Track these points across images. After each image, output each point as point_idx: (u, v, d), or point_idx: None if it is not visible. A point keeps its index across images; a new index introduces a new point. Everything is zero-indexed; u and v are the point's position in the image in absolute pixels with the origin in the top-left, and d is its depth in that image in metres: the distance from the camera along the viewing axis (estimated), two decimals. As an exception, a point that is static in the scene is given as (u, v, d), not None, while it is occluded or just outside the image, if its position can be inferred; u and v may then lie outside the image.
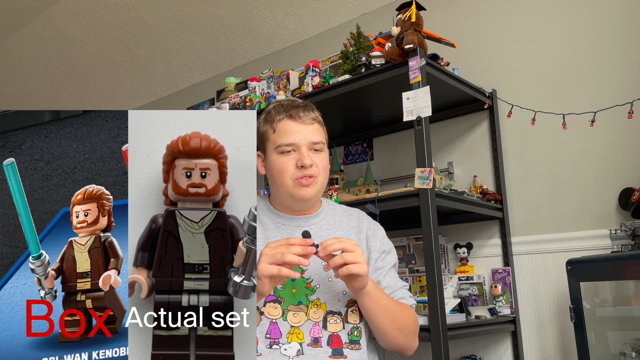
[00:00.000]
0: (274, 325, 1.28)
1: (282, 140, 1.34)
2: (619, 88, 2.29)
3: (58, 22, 4.04)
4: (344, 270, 1.19)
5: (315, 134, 1.36)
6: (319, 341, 1.28)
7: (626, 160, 2.27)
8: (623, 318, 2.01)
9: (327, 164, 1.38)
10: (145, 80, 4.41)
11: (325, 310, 1.31)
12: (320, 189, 1.37)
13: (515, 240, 2.54)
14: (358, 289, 1.24)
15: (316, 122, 1.38)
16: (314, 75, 2.55)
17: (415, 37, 2.08)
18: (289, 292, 1.31)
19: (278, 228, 1.38)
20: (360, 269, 1.19)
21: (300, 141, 1.33)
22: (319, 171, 1.34)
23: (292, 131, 1.34)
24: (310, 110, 1.38)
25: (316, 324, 1.30)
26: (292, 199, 1.35)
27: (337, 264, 1.19)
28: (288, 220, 1.40)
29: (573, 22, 2.48)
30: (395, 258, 1.47)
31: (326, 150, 1.39)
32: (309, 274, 1.33)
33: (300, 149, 1.33)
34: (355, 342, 1.32)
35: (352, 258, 1.19)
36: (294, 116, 1.35)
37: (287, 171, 1.33)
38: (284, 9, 3.41)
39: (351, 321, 1.33)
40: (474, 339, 2.59)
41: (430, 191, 2.03)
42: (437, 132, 2.74)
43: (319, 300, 1.32)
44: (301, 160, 1.31)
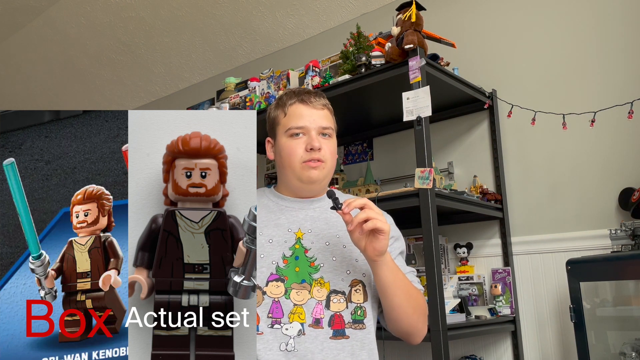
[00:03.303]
0: (276, 304, 1.28)
1: (293, 123, 1.36)
2: (619, 88, 2.29)
3: (58, 22, 4.04)
4: (369, 225, 1.19)
5: (325, 119, 1.38)
6: (320, 322, 1.28)
7: (626, 160, 2.27)
8: (623, 318, 2.02)
9: (335, 151, 1.39)
10: (145, 80, 4.41)
11: (329, 289, 1.31)
12: (328, 174, 1.38)
13: (515, 240, 2.54)
14: (380, 252, 1.23)
15: (326, 108, 1.41)
16: (314, 75, 2.55)
17: (415, 37, 2.08)
18: (292, 270, 1.31)
19: (282, 210, 1.39)
20: (383, 224, 1.20)
21: (310, 124, 1.35)
22: (327, 156, 1.36)
23: (302, 115, 1.36)
24: (321, 97, 1.41)
25: (319, 302, 1.29)
26: (299, 182, 1.36)
27: (361, 219, 1.20)
28: (292, 203, 1.40)
29: (573, 22, 2.48)
30: (403, 245, 1.47)
31: (334, 138, 1.41)
32: (313, 253, 1.33)
33: (310, 132, 1.35)
34: (359, 321, 1.31)
35: (376, 215, 1.20)
36: (305, 100, 1.38)
37: (296, 154, 1.34)
38: (284, 9, 3.41)
39: (354, 300, 1.32)
40: (474, 339, 2.59)
41: (430, 191, 2.03)
42: (437, 132, 2.74)
43: (322, 279, 1.31)
44: (310, 144, 1.33)
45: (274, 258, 1.31)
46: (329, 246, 1.35)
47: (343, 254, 1.34)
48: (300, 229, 1.36)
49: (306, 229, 1.36)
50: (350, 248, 1.33)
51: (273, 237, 1.34)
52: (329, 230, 1.37)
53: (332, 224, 1.38)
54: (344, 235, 1.33)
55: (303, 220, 1.37)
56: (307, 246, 1.33)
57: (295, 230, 1.35)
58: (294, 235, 1.35)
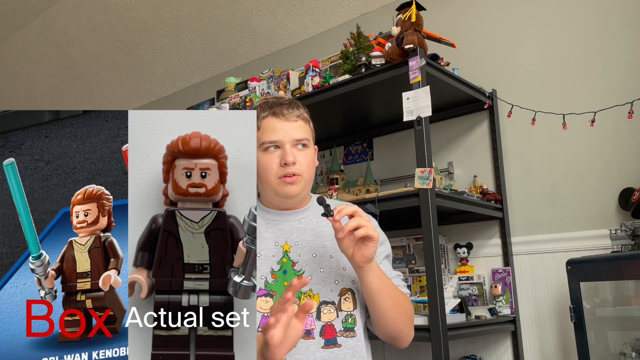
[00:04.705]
0: (266, 318, 1.27)
1: (266, 137, 1.34)
2: (619, 88, 2.29)
3: (58, 22, 4.05)
4: (360, 232, 1.20)
5: (299, 130, 1.36)
6: (311, 333, 1.28)
7: (626, 160, 2.27)
8: (623, 318, 2.02)
9: (312, 161, 1.38)
10: (145, 80, 4.41)
11: (319, 300, 1.31)
12: (306, 185, 1.37)
13: (515, 240, 2.54)
14: (368, 259, 1.24)
15: (300, 119, 1.38)
16: (314, 75, 2.55)
17: (415, 37, 2.08)
18: (281, 285, 1.31)
19: (268, 224, 1.39)
20: (373, 232, 1.21)
21: (283, 138, 1.34)
22: (302, 169, 1.34)
23: (275, 129, 1.35)
24: (295, 108, 1.38)
25: (309, 315, 1.29)
26: (277, 196, 1.36)
27: (352, 227, 1.20)
28: (277, 216, 1.40)
29: (573, 22, 2.48)
30: (388, 249, 1.47)
31: (312, 147, 1.39)
32: (300, 266, 1.33)
33: (284, 146, 1.34)
34: (350, 329, 1.32)
35: (365, 222, 1.21)
36: (277, 114, 1.36)
37: (271, 169, 1.33)
38: (284, 9, 3.41)
39: (345, 309, 1.33)
40: (474, 339, 2.59)
41: (430, 191, 2.03)
42: (437, 132, 2.74)
43: (311, 292, 1.31)
44: (284, 158, 1.32)
45: (262, 273, 1.31)
46: (316, 258, 1.35)
47: (330, 264, 1.35)
48: (287, 241, 1.36)
49: (293, 241, 1.36)
50: (337, 257, 1.33)
51: (260, 251, 1.33)
52: (316, 242, 1.37)
53: (318, 235, 1.38)
54: (330, 246, 1.34)
55: (289, 232, 1.37)
56: (295, 259, 1.33)
57: (282, 243, 1.35)
58: (281, 249, 1.35)
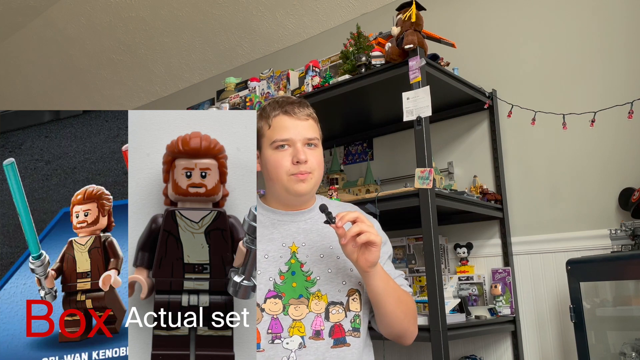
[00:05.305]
0: (275, 320, 1.28)
1: (278, 135, 1.35)
2: (619, 88, 2.29)
3: (58, 22, 4.05)
4: (362, 238, 1.21)
5: (310, 129, 1.37)
6: (320, 334, 1.29)
7: (626, 160, 2.27)
8: (623, 318, 2.02)
9: (321, 160, 1.39)
10: (145, 80, 4.41)
11: (327, 301, 1.32)
12: (316, 184, 1.38)
13: (515, 240, 2.54)
14: (372, 263, 1.25)
15: (311, 118, 1.39)
16: (314, 75, 2.55)
17: (415, 37, 2.08)
18: (289, 286, 1.31)
19: (274, 224, 1.39)
20: (376, 237, 1.22)
21: (295, 136, 1.34)
22: (314, 167, 1.35)
23: (287, 127, 1.35)
24: (305, 107, 1.40)
25: (318, 315, 1.30)
26: (287, 194, 1.36)
27: (354, 233, 1.21)
28: (283, 216, 1.40)
29: (573, 22, 2.48)
30: (390, 249, 1.49)
31: (320, 147, 1.40)
32: (308, 267, 1.34)
33: (295, 144, 1.34)
34: (357, 329, 1.33)
35: (368, 228, 1.22)
36: (289, 112, 1.37)
37: (283, 167, 1.34)
38: (284, 9, 3.41)
39: (353, 309, 1.34)
40: (474, 339, 2.59)
41: (430, 191, 2.03)
42: (437, 132, 2.74)
43: (319, 292, 1.32)
44: (296, 156, 1.33)
45: (271, 274, 1.32)
46: (324, 258, 1.35)
47: (337, 265, 1.36)
48: (295, 242, 1.36)
49: (300, 242, 1.36)
50: (344, 258, 1.34)
51: (268, 252, 1.34)
52: (323, 242, 1.37)
53: (325, 236, 1.38)
54: (336, 247, 1.34)
55: (296, 233, 1.38)
56: (303, 260, 1.34)
57: (290, 244, 1.36)
58: (288, 250, 1.35)
